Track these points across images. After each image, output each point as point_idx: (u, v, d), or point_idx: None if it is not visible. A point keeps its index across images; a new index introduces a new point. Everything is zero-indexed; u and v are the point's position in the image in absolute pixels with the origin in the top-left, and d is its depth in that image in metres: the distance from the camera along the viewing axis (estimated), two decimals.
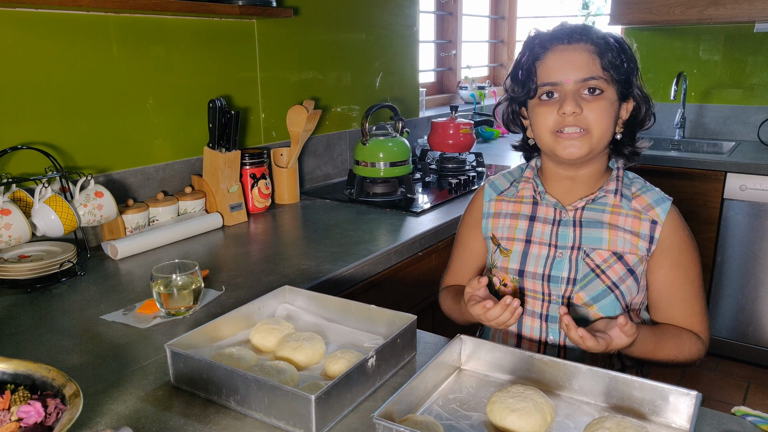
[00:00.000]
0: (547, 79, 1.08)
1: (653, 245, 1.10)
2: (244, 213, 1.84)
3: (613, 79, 1.06)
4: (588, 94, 1.06)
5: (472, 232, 1.27)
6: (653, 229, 1.10)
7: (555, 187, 1.17)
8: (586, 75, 1.05)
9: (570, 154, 1.07)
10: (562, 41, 1.07)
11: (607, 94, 1.07)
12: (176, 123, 1.80)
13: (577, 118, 1.05)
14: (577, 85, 1.06)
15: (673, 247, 1.10)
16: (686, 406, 0.82)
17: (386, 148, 2.07)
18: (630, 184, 1.15)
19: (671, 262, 1.11)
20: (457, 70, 3.62)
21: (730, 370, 2.78)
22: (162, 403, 0.88)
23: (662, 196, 1.13)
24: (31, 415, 0.73)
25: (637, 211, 1.11)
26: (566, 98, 1.06)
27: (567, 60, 1.06)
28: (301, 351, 0.97)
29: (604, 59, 1.05)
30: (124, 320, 1.16)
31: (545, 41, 1.09)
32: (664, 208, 1.11)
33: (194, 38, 1.81)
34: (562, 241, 1.13)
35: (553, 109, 1.07)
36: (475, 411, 0.87)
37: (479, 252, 1.27)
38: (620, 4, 3.01)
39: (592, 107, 1.05)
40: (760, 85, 3.09)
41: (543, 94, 1.09)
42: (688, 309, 1.12)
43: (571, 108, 1.05)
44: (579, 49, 1.06)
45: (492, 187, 1.26)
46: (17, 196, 1.39)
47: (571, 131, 1.06)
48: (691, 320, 1.11)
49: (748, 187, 2.60)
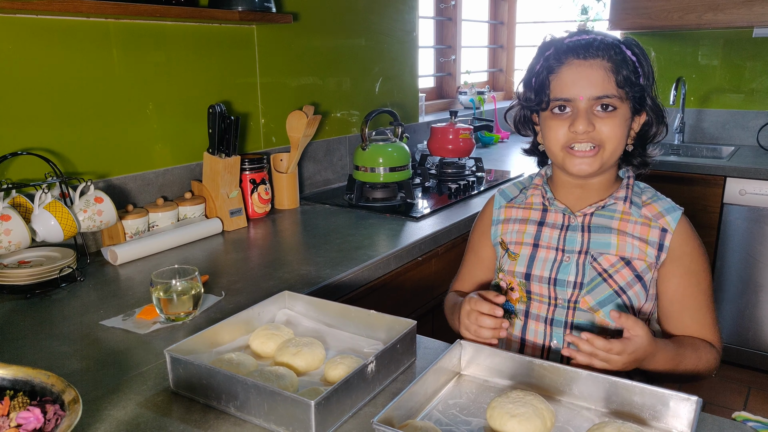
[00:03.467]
0: (561, 94, 1.07)
1: (663, 253, 1.09)
2: (243, 218, 1.84)
3: (627, 96, 1.06)
4: (601, 111, 1.05)
5: (482, 239, 1.28)
6: (663, 237, 1.09)
7: (565, 194, 1.17)
8: (600, 93, 1.04)
9: (580, 170, 1.07)
10: (577, 55, 1.05)
11: (621, 111, 1.06)
12: (176, 128, 1.80)
13: (589, 135, 1.05)
14: (590, 102, 1.05)
15: (684, 256, 1.10)
16: (687, 412, 0.81)
17: (386, 154, 2.08)
18: (641, 192, 1.15)
19: (682, 271, 1.10)
20: (456, 75, 3.63)
21: (730, 375, 2.77)
22: (161, 408, 0.88)
23: (673, 205, 1.12)
24: (30, 421, 0.73)
25: (647, 219, 1.11)
26: (579, 116, 1.05)
27: (582, 76, 1.05)
28: (301, 356, 0.97)
29: (619, 76, 1.04)
30: (123, 326, 1.16)
31: (561, 53, 1.07)
32: (674, 217, 1.10)
33: (194, 44, 1.81)
34: (569, 246, 1.13)
35: (564, 124, 1.07)
36: (474, 416, 0.87)
37: (488, 259, 1.28)
38: (619, 10, 3.02)
39: (605, 123, 1.05)
40: (759, 90, 3.10)
41: (555, 107, 1.08)
42: (701, 318, 1.11)
43: (583, 127, 1.04)
44: (595, 65, 1.04)
45: (502, 195, 1.27)
46: (17, 201, 1.39)
47: (583, 148, 1.06)
48: (704, 330, 1.10)
49: (748, 192, 2.60)
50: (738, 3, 2.75)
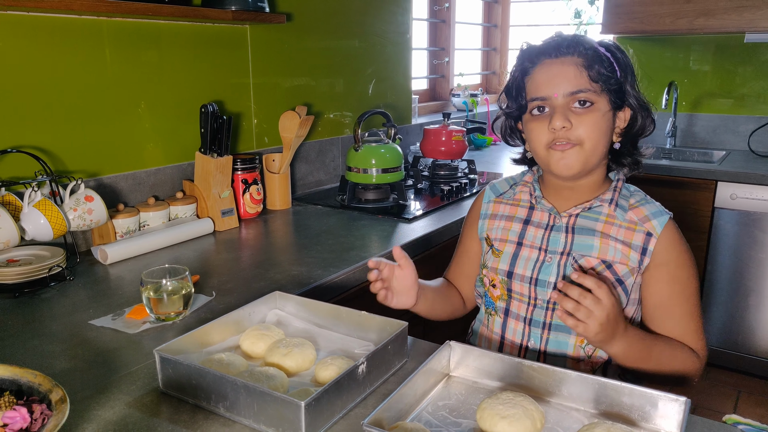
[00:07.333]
0: (536, 93, 1.08)
1: (646, 257, 1.09)
2: (235, 218, 1.83)
3: (603, 89, 1.06)
4: (578, 107, 1.06)
5: (470, 232, 1.29)
6: (647, 241, 1.09)
7: (553, 194, 1.18)
8: (573, 88, 1.05)
9: (563, 168, 1.07)
10: (549, 55, 1.07)
11: (599, 105, 1.06)
12: (168, 128, 1.80)
13: (567, 132, 1.05)
14: (566, 99, 1.06)
15: (670, 261, 1.09)
16: (675, 413, 0.82)
17: (378, 155, 2.08)
18: (629, 195, 1.14)
19: (667, 277, 1.09)
20: (449, 77, 3.64)
21: (720, 378, 2.79)
22: (150, 409, 0.88)
23: (661, 209, 1.12)
24: (17, 420, 0.72)
25: (632, 223, 1.10)
26: (555, 113, 1.06)
27: (554, 74, 1.06)
28: (291, 357, 0.97)
29: (592, 71, 1.04)
30: (113, 325, 1.15)
31: (533, 56, 1.10)
32: (661, 221, 1.09)
33: (187, 43, 1.81)
34: (552, 246, 1.14)
35: (544, 124, 1.07)
36: (464, 418, 0.87)
37: (475, 252, 1.28)
38: (612, 14, 3.04)
39: (582, 120, 1.05)
40: (750, 95, 3.12)
41: (534, 108, 1.09)
42: (684, 326, 1.10)
43: (560, 123, 1.05)
44: (566, 62, 1.06)
45: (492, 189, 1.27)
46: (6, 199, 1.38)
47: (563, 143, 1.07)
48: (687, 337, 1.09)
49: (739, 196, 2.61)
50: (729, 8, 2.77)
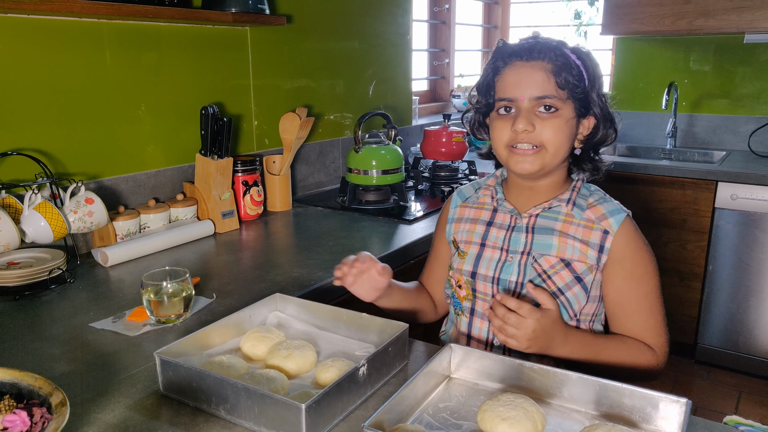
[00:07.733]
0: (504, 94, 1.10)
1: (603, 255, 1.10)
2: (235, 220, 1.83)
3: (569, 97, 1.08)
4: (543, 112, 1.08)
5: (440, 236, 1.31)
6: (604, 239, 1.10)
7: (515, 195, 1.20)
8: (540, 93, 1.07)
9: (522, 169, 1.10)
10: (521, 57, 1.09)
11: (563, 111, 1.08)
12: (168, 130, 1.80)
13: (529, 135, 1.07)
14: (531, 103, 1.08)
15: (626, 258, 1.10)
16: (676, 414, 0.82)
17: (379, 156, 2.08)
18: (588, 195, 1.16)
19: (624, 274, 1.11)
20: (450, 78, 3.64)
21: (721, 379, 2.78)
22: (150, 411, 0.88)
23: (618, 207, 1.13)
24: (17, 424, 0.72)
25: (590, 221, 1.12)
26: (519, 115, 1.08)
27: (523, 77, 1.08)
28: (292, 359, 0.97)
29: (560, 78, 1.06)
30: (113, 328, 1.15)
31: (506, 55, 1.11)
32: (617, 219, 1.11)
33: (187, 45, 1.81)
34: (513, 246, 1.15)
35: (508, 124, 1.10)
36: (465, 420, 0.87)
37: (445, 256, 1.30)
38: (611, 15, 3.04)
39: (546, 125, 1.07)
40: (749, 96, 3.12)
41: (500, 108, 1.11)
42: (642, 322, 1.11)
43: (523, 126, 1.07)
44: (536, 66, 1.07)
45: (459, 194, 1.30)
46: (6, 202, 1.38)
47: (524, 147, 1.09)
48: (645, 333, 1.11)
49: (739, 196, 2.61)
50: (729, 9, 2.77)
